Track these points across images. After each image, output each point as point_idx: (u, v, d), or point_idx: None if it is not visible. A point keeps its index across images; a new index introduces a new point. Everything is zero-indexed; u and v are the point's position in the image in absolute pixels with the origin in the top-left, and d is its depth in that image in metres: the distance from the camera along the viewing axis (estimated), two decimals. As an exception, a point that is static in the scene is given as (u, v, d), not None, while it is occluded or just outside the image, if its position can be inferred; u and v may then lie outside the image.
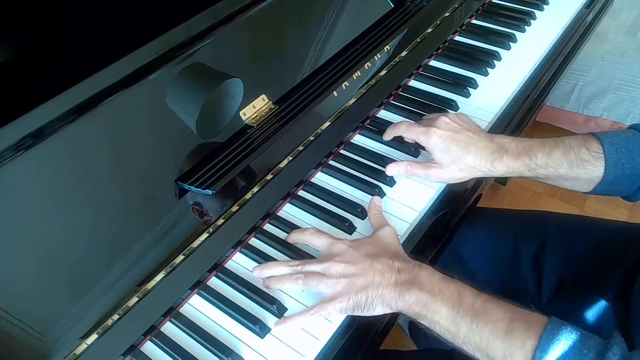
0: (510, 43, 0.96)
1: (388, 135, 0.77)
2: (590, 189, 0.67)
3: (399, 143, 0.78)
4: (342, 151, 0.78)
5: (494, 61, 0.92)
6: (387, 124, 0.82)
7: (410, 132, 0.73)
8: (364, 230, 0.67)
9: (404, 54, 0.88)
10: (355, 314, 0.58)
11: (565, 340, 0.50)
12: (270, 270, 0.62)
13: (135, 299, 0.57)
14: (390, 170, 0.72)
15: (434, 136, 0.69)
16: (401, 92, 0.88)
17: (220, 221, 0.64)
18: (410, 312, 0.57)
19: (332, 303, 0.57)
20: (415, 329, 1.27)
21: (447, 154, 0.69)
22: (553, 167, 0.65)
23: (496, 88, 0.87)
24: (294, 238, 0.66)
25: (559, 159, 0.65)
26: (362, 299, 0.57)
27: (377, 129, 0.81)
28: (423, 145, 0.72)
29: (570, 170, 0.65)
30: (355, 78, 0.80)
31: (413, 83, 0.90)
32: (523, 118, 0.89)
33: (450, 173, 0.69)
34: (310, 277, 0.59)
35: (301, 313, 0.58)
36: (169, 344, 0.57)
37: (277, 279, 0.61)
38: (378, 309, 0.57)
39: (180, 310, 0.61)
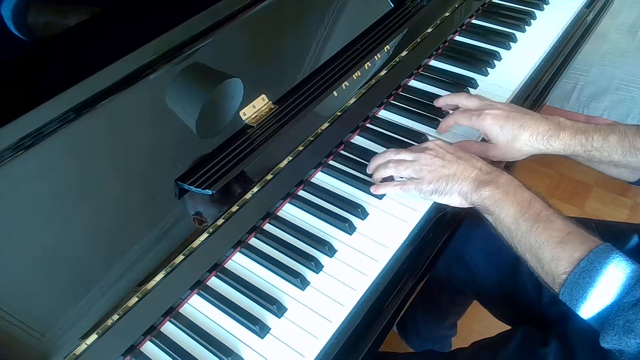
0: (511, 43, 0.96)
1: (443, 128, 0.78)
2: (636, 178, 0.69)
3: (397, 143, 0.78)
4: (342, 151, 0.78)
5: (494, 61, 0.92)
6: (387, 124, 0.82)
7: (462, 119, 0.73)
8: (365, 231, 0.67)
9: (404, 53, 0.88)
10: (432, 198, 0.66)
11: (615, 260, 0.52)
12: (374, 163, 0.71)
13: (135, 299, 0.57)
14: None
15: (488, 117, 0.70)
16: (401, 92, 0.88)
17: (220, 221, 0.64)
18: (482, 205, 0.62)
19: (415, 183, 0.65)
20: (404, 328, 1.28)
21: (503, 134, 0.69)
22: (607, 151, 0.66)
23: (496, 88, 0.87)
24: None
25: (614, 144, 0.66)
26: (442, 185, 0.64)
27: (377, 129, 0.81)
28: (477, 128, 0.72)
29: (622, 157, 0.66)
30: (355, 78, 0.80)
31: (413, 83, 0.90)
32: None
33: (508, 152, 0.71)
34: (401, 163, 0.67)
35: (386, 184, 0.68)
36: (168, 344, 0.57)
37: (374, 165, 0.70)
38: (454, 197, 0.64)
39: (180, 311, 0.61)
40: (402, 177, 0.69)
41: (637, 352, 0.49)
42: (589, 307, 0.53)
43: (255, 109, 0.69)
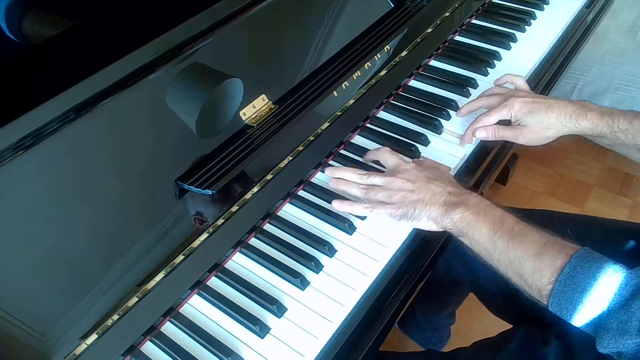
0: (511, 43, 0.96)
1: (468, 138, 0.78)
2: None
3: (397, 143, 0.78)
4: (342, 151, 0.78)
5: (494, 61, 0.92)
6: (387, 124, 0.82)
7: (491, 118, 0.75)
8: (365, 230, 0.67)
9: (404, 53, 0.88)
10: (401, 222, 0.65)
11: (597, 262, 0.52)
12: (340, 173, 0.71)
13: (135, 299, 0.57)
14: (479, 134, 0.76)
15: (516, 103, 0.73)
16: (401, 92, 0.88)
17: (220, 221, 0.64)
18: (454, 228, 0.62)
19: (384, 207, 0.65)
20: (403, 320, 1.28)
21: (531, 116, 0.73)
22: (632, 134, 0.69)
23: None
24: (371, 156, 0.74)
25: (639, 128, 0.68)
26: (411, 211, 0.64)
27: (377, 129, 0.81)
28: (506, 117, 0.75)
29: None
30: (355, 78, 0.80)
31: (413, 83, 0.90)
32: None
33: (537, 133, 0.74)
34: (372, 188, 0.67)
35: (357, 203, 0.67)
36: (168, 344, 0.58)
37: (344, 183, 0.70)
38: (423, 221, 0.64)
39: (180, 311, 0.61)
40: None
41: (636, 352, 0.49)
42: (580, 314, 0.52)
43: (255, 109, 0.69)
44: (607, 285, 0.51)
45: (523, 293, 0.59)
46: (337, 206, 0.68)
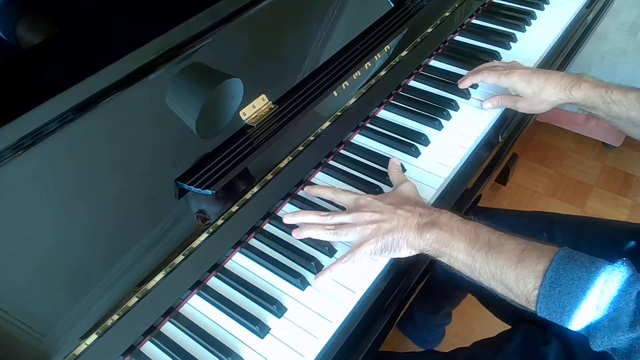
0: (511, 43, 0.96)
1: (465, 84, 0.84)
2: None
3: (397, 143, 0.78)
4: (342, 151, 0.78)
5: (495, 61, 0.92)
6: (387, 124, 0.82)
7: (491, 77, 0.80)
8: (364, 230, 0.67)
9: (404, 53, 0.88)
10: (383, 255, 0.63)
11: (579, 262, 0.52)
12: (301, 217, 0.66)
13: (135, 299, 0.57)
14: (486, 105, 0.83)
15: (515, 74, 0.78)
16: (401, 92, 0.88)
17: (220, 221, 0.64)
18: (431, 250, 0.61)
19: (362, 247, 0.61)
20: (401, 320, 1.28)
21: (530, 87, 0.77)
22: (626, 106, 0.70)
23: (497, 87, 0.87)
24: (320, 192, 0.69)
25: (632, 100, 0.69)
26: (389, 240, 0.61)
27: (377, 129, 0.81)
28: (505, 86, 0.80)
29: None
30: (355, 78, 0.80)
31: (413, 83, 0.90)
32: (524, 118, 0.89)
33: (534, 104, 0.78)
34: (340, 227, 0.64)
35: (334, 263, 0.62)
36: (168, 344, 0.57)
37: (309, 227, 0.65)
38: (404, 249, 0.62)
39: (180, 311, 0.61)
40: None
41: (629, 346, 0.48)
42: (570, 316, 0.52)
43: (255, 109, 0.69)
44: (592, 283, 0.50)
45: (510, 303, 0.58)
46: (320, 280, 0.62)
